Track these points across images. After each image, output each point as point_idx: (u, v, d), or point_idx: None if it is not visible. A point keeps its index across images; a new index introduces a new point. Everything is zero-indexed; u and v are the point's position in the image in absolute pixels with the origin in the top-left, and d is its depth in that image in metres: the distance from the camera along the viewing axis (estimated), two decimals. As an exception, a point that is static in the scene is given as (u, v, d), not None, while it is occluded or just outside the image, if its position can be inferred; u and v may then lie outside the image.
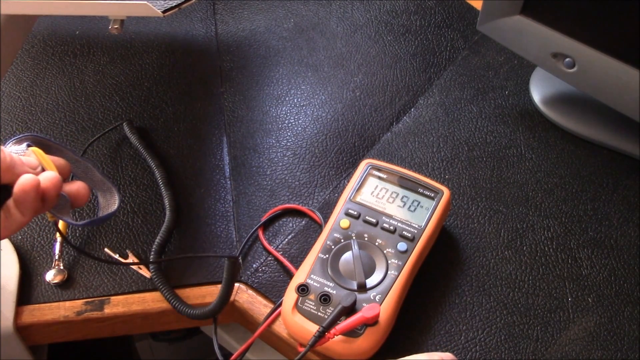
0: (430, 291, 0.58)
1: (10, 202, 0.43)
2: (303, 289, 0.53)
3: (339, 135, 0.70)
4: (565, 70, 0.64)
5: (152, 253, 0.59)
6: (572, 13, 0.61)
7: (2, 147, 0.43)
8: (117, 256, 0.60)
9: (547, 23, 0.63)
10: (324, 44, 0.78)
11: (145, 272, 0.59)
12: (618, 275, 0.59)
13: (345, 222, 0.57)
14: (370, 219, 0.57)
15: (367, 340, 0.51)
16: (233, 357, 0.55)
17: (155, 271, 0.58)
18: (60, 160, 0.47)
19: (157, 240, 0.60)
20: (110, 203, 0.50)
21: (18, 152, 0.45)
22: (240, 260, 0.60)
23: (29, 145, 0.46)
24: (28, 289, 0.58)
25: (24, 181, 0.42)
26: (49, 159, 0.45)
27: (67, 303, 0.58)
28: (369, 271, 0.54)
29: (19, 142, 0.47)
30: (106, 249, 0.60)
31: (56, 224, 0.54)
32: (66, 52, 0.77)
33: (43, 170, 0.45)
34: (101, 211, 0.51)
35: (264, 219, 0.63)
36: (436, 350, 0.54)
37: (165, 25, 0.80)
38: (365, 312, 0.50)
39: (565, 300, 0.57)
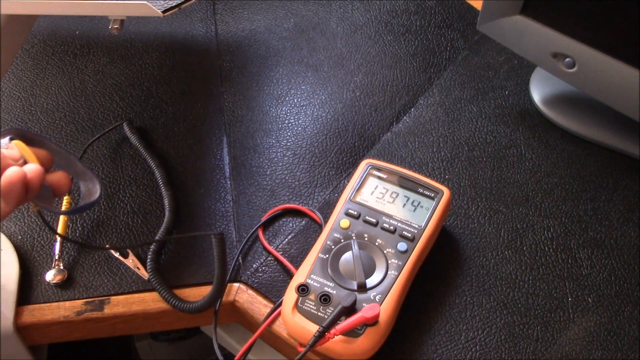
0: (430, 291, 0.58)
1: None
2: (303, 289, 0.53)
3: (339, 135, 0.70)
4: (565, 70, 0.64)
5: (150, 253, 0.59)
6: (572, 13, 0.61)
7: None
8: (117, 254, 0.60)
9: (547, 23, 0.63)
10: (324, 44, 0.78)
11: (143, 274, 0.59)
12: (618, 275, 0.59)
13: (345, 222, 0.57)
14: (370, 219, 0.57)
15: (367, 340, 0.51)
16: (236, 358, 0.55)
17: (152, 271, 0.58)
18: (42, 152, 0.48)
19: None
20: (92, 192, 0.51)
21: (1, 145, 0.47)
22: (242, 260, 0.60)
23: (11, 139, 0.47)
24: (28, 289, 0.58)
25: (11, 173, 0.43)
26: (30, 152, 0.47)
27: (67, 303, 0.58)
28: (369, 271, 0.54)
29: (2, 136, 0.48)
30: (108, 246, 0.60)
31: (40, 213, 0.54)
32: (66, 52, 0.77)
33: (25, 162, 0.46)
34: (83, 200, 0.51)
35: (264, 219, 0.63)
36: (436, 350, 0.55)
37: (165, 25, 0.80)
38: (365, 312, 0.50)
39: (565, 300, 0.57)
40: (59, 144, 0.51)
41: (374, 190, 0.59)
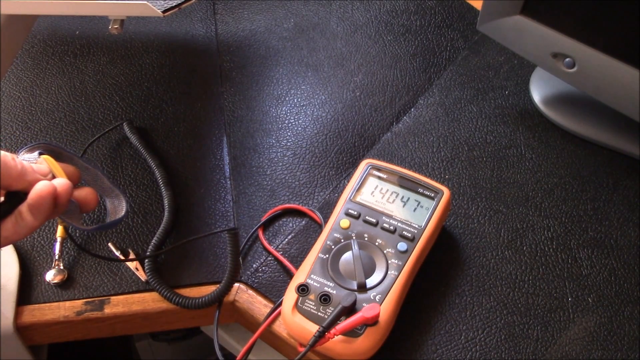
0: (430, 291, 0.58)
1: (22, 207, 0.45)
2: (303, 289, 0.53)
3: (339, 135, 0.70)
4: (565, 70, 0.64)
5: (148, 254, 0.59)
6: (572, 13, 0.61)
7: (14, 156, 0.45)
8: (118, 253, 0.60)
9: (547, 23, 0.63)
10: (324, 44, 0.78)
11: (141, 275, 0.59)
12: (618, 275, 0.59)
13: (345, 222, 0.57)
14: (370, 219, 0.57)
15: (367, 340, 0.51)
16: (238, 358, 0.55)
17: (151, 271, 0.58)
18: (70, 168, 0.49)
19: (153, 241, 0.60)
20: (119, 209, 0.52)
21: (30, 159, 0.47)
22: (242, 260, 0.60)
23: (40, 154, 0.48)
24: (28, 289, 0.58)
25: (41, 187, 0.44)
26: (59, 167, 0.47)
27: (67, 303, 0.58)
28: (369, 271, 0.54)
29: (31, 150, 0.48)
30: (110, 244, 0.60)
31: (66, 229, 0.55)
32: (66, 52, 0.77)
33: (54, 177, 0.47)
34: (109, 217, 0.52)
35: (264, 219, 0.63)
36: (436, 350, 0.55)
37: (165, 25, 0.80)
38: (365, 312, 0.50)
39: (565, 300, 0.57)
40: (87, 160, 0.51)
41: (374, 190, 0.59)
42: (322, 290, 0.53)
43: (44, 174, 0.46)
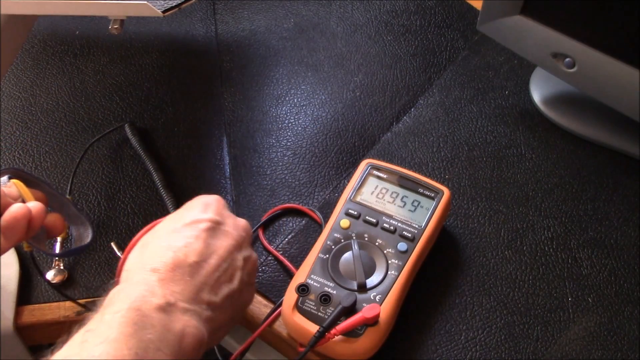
0: (430, 291, 0.58)
1: None
2: (303, 289, 0.53)
3: (339, 135, 0.70)
4: (565, 70, 0.64)
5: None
6: (572, 13, 0.61)
7: None
8: (119, 253, 0.60)
9: (547, 23, 0.63)
10: (324, 44, 0.78)
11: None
12: (618, 275, 0.59)
13: (345, 222, 0.57)
14: (371, 219, 0.57)
15: (367, 340, 0.51)
16: (232, 357, 0.55)
17: None
18: (38, 193, 0.50)
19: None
20: (84, 236, 0.53)
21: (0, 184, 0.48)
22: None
23: (10, 178, 0.49)
24: (28, 289, 0.58)
25: (16, 209, 0.45)
26: (29, 192, 0.48)
27: (67, 303, 0.58)
28: (369, 271, 0.54)
29: (0, 174, 0.49)
30: (112, 244, 0.60)
31: (32, 253, 0.55)
32: (66, 52, 0.77)
33: (23, 201, 0.47)
34: (74, 243, 0.53)
35: (264, 218, 0.63)
36: (436, 350, 0.55)
37: (165, 25, 0.80)
38: (365, 312, 0.50)
39: (565, 300, 0.57)
40: (53, 187, 0.52)
41: (374, 190, 0.59)
42: (322, 290, 0.53)
43: (13, 197, 0.47)
